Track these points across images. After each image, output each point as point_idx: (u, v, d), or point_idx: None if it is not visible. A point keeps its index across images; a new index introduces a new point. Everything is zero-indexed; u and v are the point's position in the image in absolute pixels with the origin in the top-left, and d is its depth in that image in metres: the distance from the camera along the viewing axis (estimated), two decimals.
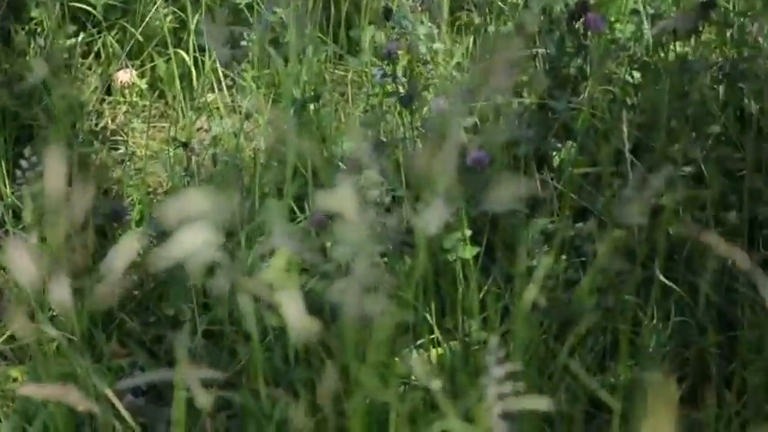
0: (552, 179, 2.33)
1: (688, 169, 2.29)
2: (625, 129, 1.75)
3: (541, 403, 1.18)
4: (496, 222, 2.15)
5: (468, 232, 1.91)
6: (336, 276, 1.17)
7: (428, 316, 2.06)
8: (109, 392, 1.52)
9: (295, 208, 2.18)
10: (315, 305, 1.66)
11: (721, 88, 2.52)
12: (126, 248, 1.11)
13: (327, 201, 1.04)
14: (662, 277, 1.89)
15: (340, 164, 2.29)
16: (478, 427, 1.28)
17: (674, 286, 1.92)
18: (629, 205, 1.54)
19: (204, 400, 1.23)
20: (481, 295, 2.01)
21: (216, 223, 0.95)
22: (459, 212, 1.91)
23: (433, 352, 2.09)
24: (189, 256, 0.94)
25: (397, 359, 1.36)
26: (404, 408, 1.35)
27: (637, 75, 2.59)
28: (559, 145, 2.35)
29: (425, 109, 2.42)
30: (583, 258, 2.04)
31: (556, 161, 2.38)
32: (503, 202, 1.60)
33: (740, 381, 1.95)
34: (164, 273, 2.16)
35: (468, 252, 1.93)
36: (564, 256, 1.92)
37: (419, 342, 2.11)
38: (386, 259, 2.06)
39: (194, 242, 0.93)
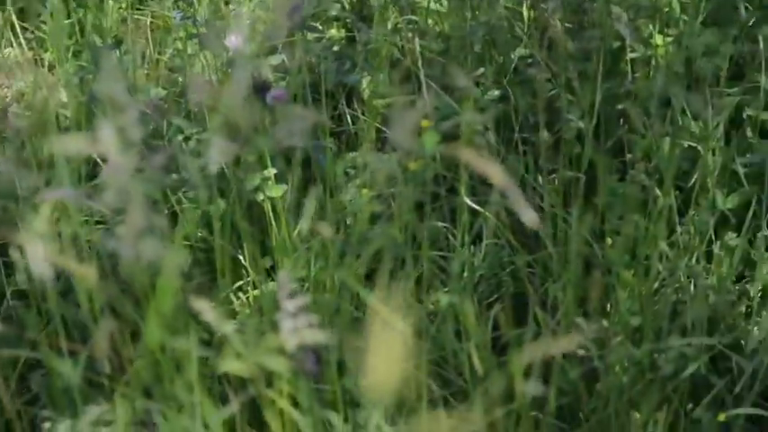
0: (363, 113, 2.32)
1: (496, 92, 2.31)
2: (419, 55, 1.74)
3: (324, 336, 1.17)
4: (308, 159, 2.14)
5: (273, 170, 1.89)
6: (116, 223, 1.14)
7: (242, 258, 2.04)
8: None
9: (99, 160, 2.13)
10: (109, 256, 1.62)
11: (525, 11, 2.54)
12: None
13: (82, 145, 1.01)
14: (469, 201, 1.90)
15: (146, 110, 2.24)
16: (274, 361, 1.26)
17: (480, 209, 1.93)
18: (423, 132, 1.53)
19: None
20: (296, 233, 1.99)
21: None
22: (262, 151, 1.89)
23: (251, 293, 2.08)
24: None
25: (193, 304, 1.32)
26: (199, 353, 1.33)
27: (445, 2, 2.59)
28: (368, 77, 2.34)
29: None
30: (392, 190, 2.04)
31: (366, 94, 2.38)
32: (306, 137, 1.57)
33: (554, 297, 1.99)
34: None
35: (276, 191, 1.90)
36: (367, 189, 1.91)
37: (237, 284, 2.09)
38: (195, 205, 2.03)
39: None
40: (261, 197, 1.92)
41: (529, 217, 1.04)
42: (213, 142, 1.21)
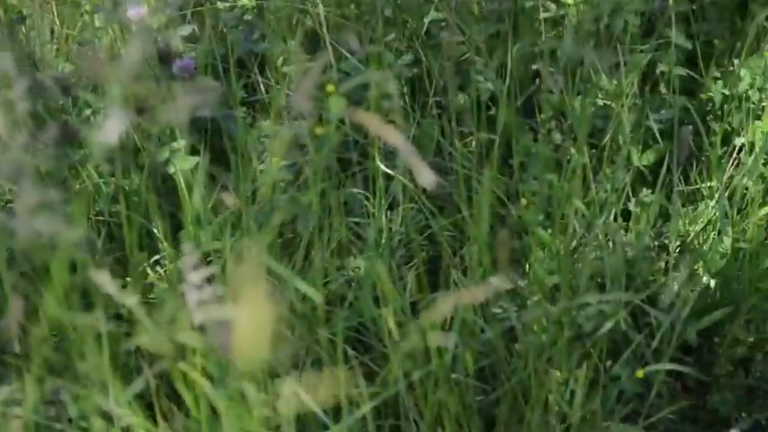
0: (278, 82, 2.29)
1: (408, 57, 2.29)
2: (324, 20, 1.72)
3: (232, 311, 1.16)
4: (219, 129, 2.11)
5: (182, 142, 1.86)
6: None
7: (156, 231, 2.01)
8: None
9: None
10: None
11: None
12: None
13: None
14: (383, 166, 1.88)
15: (52, 85, 2.19)
16: (184, 334, 1.25)
17: (394, 174, 1.92)
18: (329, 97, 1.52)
19: None
20: (211, 204, 1.97)
21: None
22: (171, 122, 1.86)
23: (168, 267, 2.05)
24: None
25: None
26: (110, 328, 1.31)
27: None
28: (277, 45, 2.31)
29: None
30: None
31: (278, 62, 2.35)
32: (217, 107, 1.54)
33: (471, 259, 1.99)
34: None
35: (186, 163, 1.87)
36: (276, 157, 1.89)
37: (154, 259, 2.06)
38: (104, 179, 2.00)
39: None
40: (172, 170, 1.90)
41: (426, 178, 1.03)
42: (109, 114, 1.19)
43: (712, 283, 2.13)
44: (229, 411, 1.35)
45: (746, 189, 2.28)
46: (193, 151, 2.00)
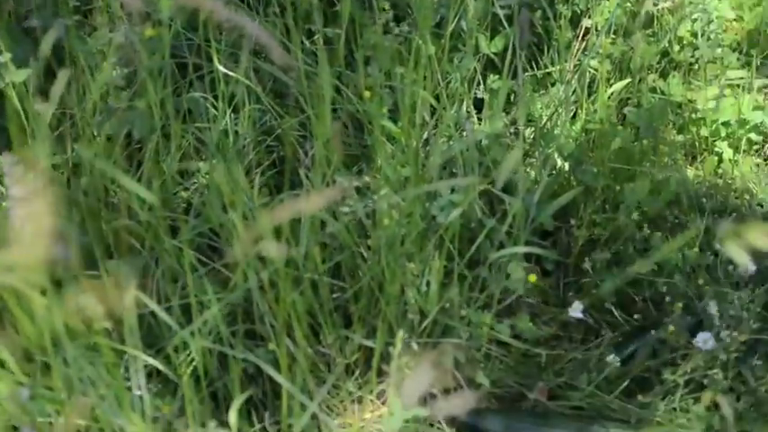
0: None
1: None
2: None
3: (61, 221, 1.12)
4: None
5: (9, 55, 1.77)
6: None
7: None
8: None
9: None
10: None
11: None
12: None
13: None
14: (222, 68, 1.84)
15: None
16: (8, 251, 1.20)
17: (234, 74, 1.87)
18: None
19: None
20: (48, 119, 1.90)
21: None
22: None
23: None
24: None
25: None
26: None
27: None
28: None
29: None
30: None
31: None
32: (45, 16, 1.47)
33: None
34: None
35: (18, 75, 1.80)
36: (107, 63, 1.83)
37: None
38: None
39: None
40: (1, 84, 1.82)
41: (278, 54, 0.98)
42: None
43: (566, 166, 2.13)
44: (67, 327, 1.31)
45: (596, 70, 2.28)
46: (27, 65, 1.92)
